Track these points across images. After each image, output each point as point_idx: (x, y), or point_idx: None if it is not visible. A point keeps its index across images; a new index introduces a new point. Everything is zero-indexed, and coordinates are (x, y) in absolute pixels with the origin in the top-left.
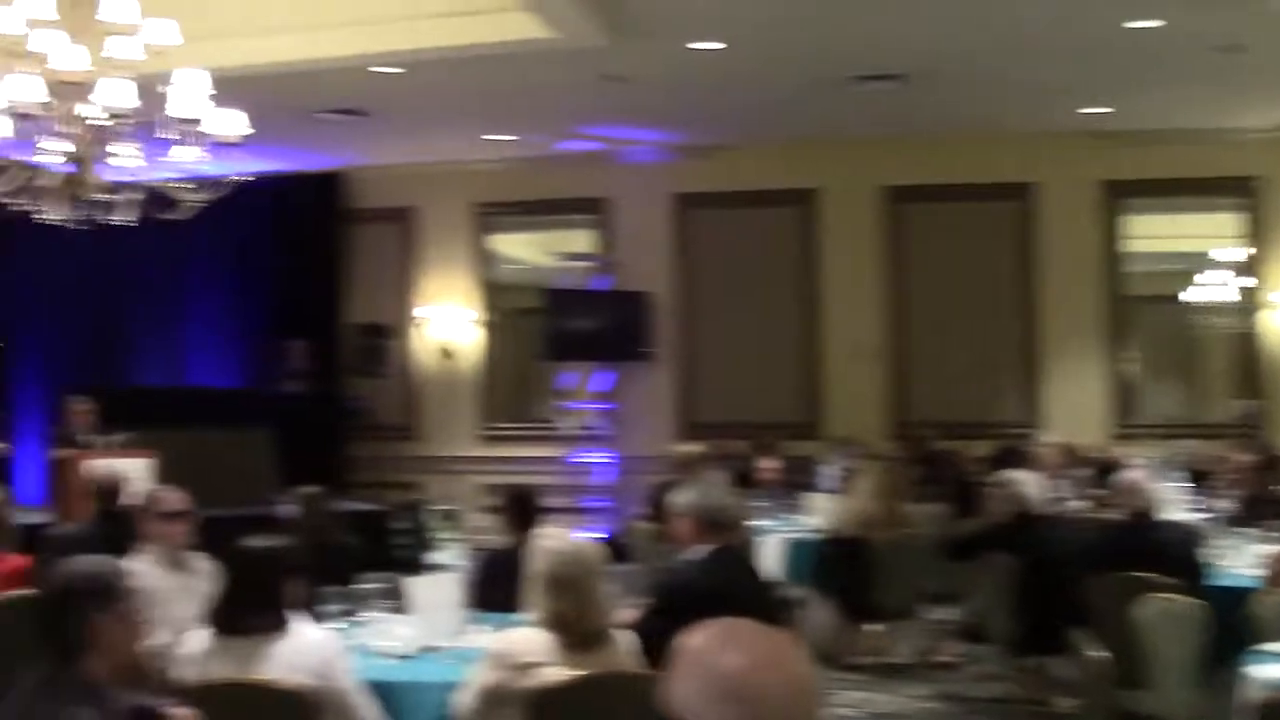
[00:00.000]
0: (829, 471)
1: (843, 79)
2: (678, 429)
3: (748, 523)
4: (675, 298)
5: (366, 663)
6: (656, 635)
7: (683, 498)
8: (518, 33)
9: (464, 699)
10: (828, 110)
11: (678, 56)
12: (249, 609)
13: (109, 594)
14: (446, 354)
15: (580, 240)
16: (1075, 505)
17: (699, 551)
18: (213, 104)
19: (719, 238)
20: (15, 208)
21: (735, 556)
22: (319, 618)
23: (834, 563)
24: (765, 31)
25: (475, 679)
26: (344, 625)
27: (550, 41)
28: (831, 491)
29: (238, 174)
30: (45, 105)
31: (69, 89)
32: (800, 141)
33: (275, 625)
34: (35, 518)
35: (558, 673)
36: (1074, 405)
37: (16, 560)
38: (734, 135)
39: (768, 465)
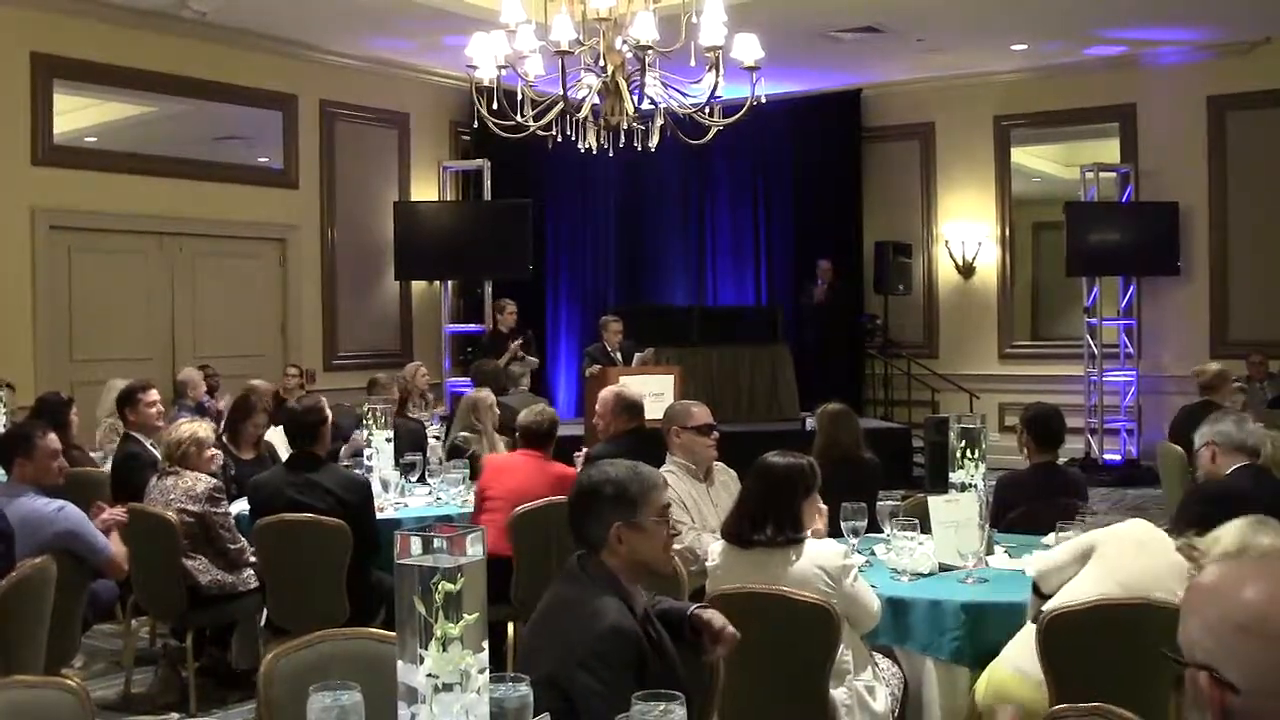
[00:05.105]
0: None
1: None
2: (1208, 347)
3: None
4: (1208, 208)
5: (884, 580)
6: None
7: (1207, 425)
8: None
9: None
10: None
11: None
12: (768, 523)
13: (625, 500)
14: (966, 271)
15: (1105, 150)
16: None
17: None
18: (726, 30)
19: (1259, 142)
20: (551, 140)
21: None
22: (839, 534)
23: None
24: None
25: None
26: (863, 542)
27: None
28: None
29: (756, 97)
30: (577, 43)
31: (601, 25)
32: None
33: (791, 540)
34: (570, 430)
35: None
36: None
37: (563, 468)
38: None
39: None
